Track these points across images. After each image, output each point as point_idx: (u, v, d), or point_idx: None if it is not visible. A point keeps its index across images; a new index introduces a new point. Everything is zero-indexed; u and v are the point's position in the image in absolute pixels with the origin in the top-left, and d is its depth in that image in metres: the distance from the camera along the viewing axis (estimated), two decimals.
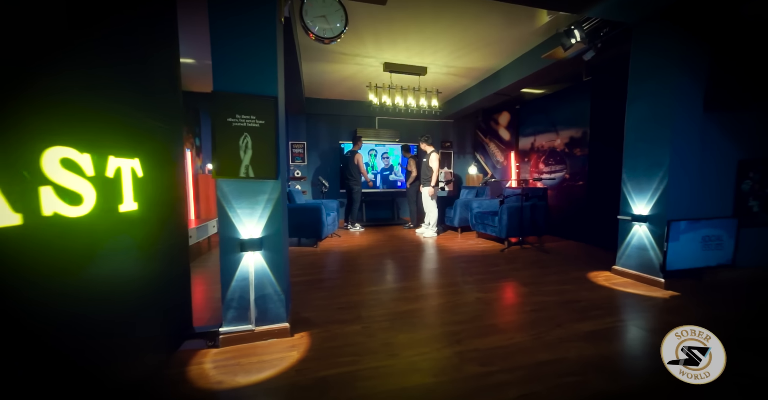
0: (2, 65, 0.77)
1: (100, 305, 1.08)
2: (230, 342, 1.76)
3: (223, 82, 1.68)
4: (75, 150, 0.94)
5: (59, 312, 0.91)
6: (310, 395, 1.35)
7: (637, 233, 2.83)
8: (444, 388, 1.40)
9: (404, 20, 3.30)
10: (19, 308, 0.79)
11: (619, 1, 2.48)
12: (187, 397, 1.34)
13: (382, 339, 1.83)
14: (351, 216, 5.72)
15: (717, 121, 2.66)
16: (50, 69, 0.89)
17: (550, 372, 1.50)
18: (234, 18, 1.67)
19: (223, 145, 1.69)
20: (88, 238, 1.02)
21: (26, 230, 0.80)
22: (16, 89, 0.80)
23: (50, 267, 0.88)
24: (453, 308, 2.28)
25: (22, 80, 0.82)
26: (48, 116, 0.88)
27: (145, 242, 1.35)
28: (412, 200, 5.79)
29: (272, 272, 1.83)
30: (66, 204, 0.91)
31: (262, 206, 1.79)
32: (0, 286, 0.75)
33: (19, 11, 0.81)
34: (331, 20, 2.05)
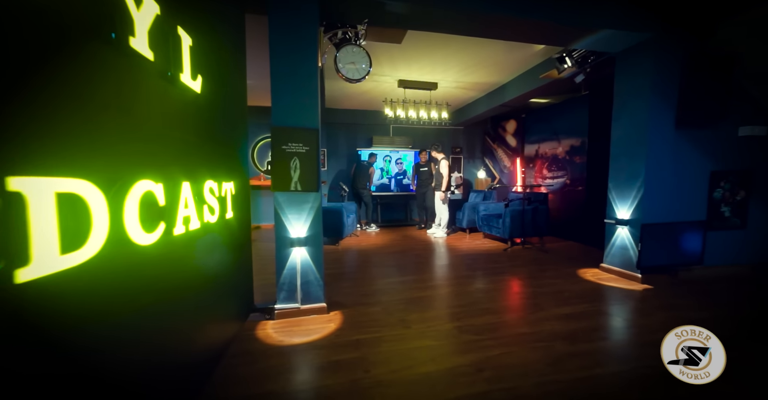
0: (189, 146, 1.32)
1: (211, 281, 1.64)
2: (282, 316, 2.32)
3: (279, 119, 2.24)
4: (213, 181, 1.49)
5: (204, 286, 1.46)
6: (347, 350, 1.88)
7: (620, 235, 3.25)
8: (444, 348, 1.90)
9: (417, 48, 3.80)
10: (182, 285, 1.33)
11: (599, 38, 2.91)
12: (262, 349, 1.90)
13: (398, 317, 2.35)
14: (366, 218, 6.26)
15: (689, 138, 3.05)
16: (199, 138, 1.45)
17: (526, 340, 1.98)
18: (287, 76, 2.22)
19: (279, 166, 2.25)
20: (217, 236, 1.58)
21: (198, 233, 1.35)
22: (189, 155, 1.36)
23: (205, 253, 1.43)
24: (456, 295, 2.78)
25: (193, 151, 1.37)
26: (206, 162, 1.43)
27: (234, 241, 1.91)
28: (422, 202, 6.21)
29: (314, 264, 2.38)
30: (210, 215, 1.46)
31: (307, 213, 2.34)
32: (173, 270, 1.29)
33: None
34: (359, 65, 2.58)
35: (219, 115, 1.67)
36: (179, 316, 1.22)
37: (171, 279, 1.14)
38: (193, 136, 1.34)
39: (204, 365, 1.52)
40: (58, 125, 0.67)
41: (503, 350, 1.87)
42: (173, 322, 1.18)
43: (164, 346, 1.11)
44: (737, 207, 3.25)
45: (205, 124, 1.48)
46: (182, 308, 1.24)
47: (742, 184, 3.24)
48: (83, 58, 0.74)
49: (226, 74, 1.80)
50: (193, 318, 1.37)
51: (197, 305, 1.39)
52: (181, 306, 1.23)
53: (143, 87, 0.98)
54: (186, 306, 1.28)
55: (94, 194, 0.73)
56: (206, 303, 1.52)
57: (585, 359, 1.75)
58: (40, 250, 0.61)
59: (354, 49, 2.54)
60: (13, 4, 0.58)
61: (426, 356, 1.81)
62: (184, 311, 1.26)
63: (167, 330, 1.13)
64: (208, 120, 1.51)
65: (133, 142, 0.92)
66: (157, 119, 1.05)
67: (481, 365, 1.71)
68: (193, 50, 1.26)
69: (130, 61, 0.90)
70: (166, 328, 1.12)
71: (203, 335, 1.49)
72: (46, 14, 0.64)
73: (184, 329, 1.27)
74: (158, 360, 1.06)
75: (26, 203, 0.58)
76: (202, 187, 1.39)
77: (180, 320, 1.23)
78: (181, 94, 1.22)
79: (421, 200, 6.23)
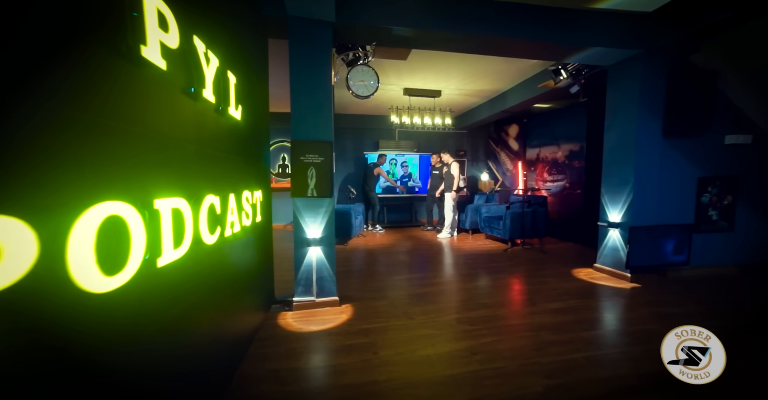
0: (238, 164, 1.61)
1: (246, 275, 1.93)
2: (300, 308, 2.61)
3: (298, 133, 2.53)
4: (248, 190, 1.79)
5: (238, 278, 1.75)
6: (358, 336, 2.16)
7: (612, 237, 3.47)
8: (443, 336, 2.17)
9: (421, 61, 4.07)
10: (222, 288, 1.63)
11: (590, 54, 3.14)
12: (285, 334, 2.19)
13: (402, 309, 2.62)
14: (372, 218, 6.54)
15: (676, 146, 3.26)
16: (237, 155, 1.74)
17: (517, 330, 2.24)
18: (305, 95, 2.51)
19: (298, 175, 2.53)
20: (251, 237, 1.87)
21: (239, 235, 1.64)
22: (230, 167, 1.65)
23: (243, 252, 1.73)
24: (456, 292, 3.04)
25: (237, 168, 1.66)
26: (243, 175, 1.72)
27: (261, 241, 2.21)
28: (431, 204, 6.44)
29: (327, 261, 2.66)
30: (246, 219, 1.75)
31: (322, 216, 2.62)
32: (223, 265, 1.58)
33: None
34: (367, 82, 2.86)
35: (251, 135, 1.96)
36: (226, 304, 1.51)
37: (222, 272, 1.44)
38: (235, 154, 1.64)
39: (240, 345, 1.81)
40: (170, 159, 0.96)
41: (495, 338, 2.12)
42: (223, 307, 1.47)
43: (219, 325, 1.40)
44: (724, 211, 3.44)
45: (243, 144, 1.77)
46: (227, 297, 1.53)
47: (729, 190, 3.43)
48: (178, 106, 1.03)
49: (257, 100, 2.09)
50: (234, 306, 1.66)
51: (237, 295, 1.69)
52: (226, 296, 1.52)
53: (207, 122, 1.27)
54: (230, 296, 1.57)
55: (185, 207, 1.02)
56: (243, 294, 1.81)
57: (566, 345, 2.00)
58: (166, 245, 0.90)
59: (363, 69, 2.82)
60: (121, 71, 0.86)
61: (427, 342, 2.08)
62: (228, 300, 1.55)
63: (221, 313, 1.42)
64: (244, 140, 1.80)
65: (200, 165, 1.20)
66: (212, 144, 1.34)
67: (475, 349, 1.97)
68: (236, 87, 1.55)
69: (203, 105, 1.19)
70: (219, 311, 1.41)
71: (240, 320, 1.78)
72: (145, 70, 0.93)
73: (228, 315, 1.56)
74: (215, 336, 1.35)
75: (159, 216, 0.88)
76: (241, 196, 1.69)
77: (226, 307, 1.53)
78: (227, 122, 1.51)
79: (430, 201, 6.47)
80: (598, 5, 2.83)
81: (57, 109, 0.59)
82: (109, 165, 0.72)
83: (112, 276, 0.68)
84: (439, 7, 2.67)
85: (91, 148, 0.67)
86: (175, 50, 0.97)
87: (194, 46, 1.09)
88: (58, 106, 0.60)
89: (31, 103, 0.53)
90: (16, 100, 0.51)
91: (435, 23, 2.68)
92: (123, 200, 0.73)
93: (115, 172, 0.74)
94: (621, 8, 2.87)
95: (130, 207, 0.75)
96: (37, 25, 0.55)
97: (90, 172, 0.67)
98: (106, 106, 0.72)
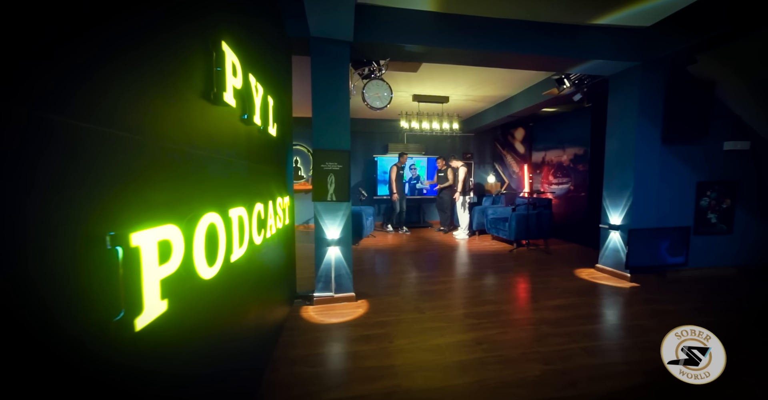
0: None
1: (278, 271, 2.17)
2: (320, 302, 2.85)
3: (319, 143, 2.77)
4: (280, 197, 2.03)
5: (271, 276, 1.99)
6: (374, 328, 2.39)
7: (613, 239, 3.64)
8: (451, 328, 2.38)
9: (429, 70, 4.28)
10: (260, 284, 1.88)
11: (592, 66, 3.32)
12: (309, 325, 2.44)
13: (414, 305, 2.84)
14: (390, 220, 6.71)
15: (675, 152, 3.42)
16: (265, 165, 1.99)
17: (519, 324, 2.44)
18: (325, 107, 2.75)
19: (319, 181, 2.78)
20: (282, 238, 2.12)
21: (274, 236, 1.89)
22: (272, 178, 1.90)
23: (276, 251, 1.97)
24: (463, 289, 3.25)
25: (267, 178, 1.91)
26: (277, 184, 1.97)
27: (287, 241, 2.46)
28: (445, 206, 6.50)
29: (345, 260, 2.90)
30: (279, 222, 2.00)
31: (340, 218, 2.86)
32: (266, 262, 1.83)
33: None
34: (381, 94, 3.10)
35: (281, 147, 2.21)
36: (264, 296, 1.76)
37: (263, 268, 1.68)
38: (271, 165, 1.89)
39: (273, 332, 2.06)
40: (233, 175, 1.20)
41: (499, 330, 2.33)
42: (263, 299, 1.71)
43: (261, 314, 1.65)
44: (723, 214, 3.58)
45: (276, 156, 2.02)
46: (265, 290, 1.78)
47: (727, 194, 3.57)
48: (236, 131, 1.28)
49: (284, 115, 2.34)
50: (270, 299, 1.91)
51: (272, 289, 1.94)
52: (265, 288, 1.76)
53: (254, 141, 1.52)
54: (267, 289, 1.82)
55: (245, 214, 1.27)
56: (275, 288, 2.06)
57: (564, 337, 2.20)
58: (236, 244, 1.15)
59: (377, 83, 3.06)
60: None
61: (437, 333, 2.30)
62: (266, 293, 1.80)
63: (262, 303, 1.67)
64: (277, 152, 2.06)
65: (251, 178, 1.45)
66: (258, 159, 1.59)
67: (481, 340, 2.18)
68: (273, 108, 1.80)
69: (252, 128, 1.44)
70: (261, 302, 1.66)
71: (273, 311, 2.03)
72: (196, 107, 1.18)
73: (266, 305, 1.81)
74: (258, 323, 1.60)
75: (231, 222, 1.13)
76: (276, 202, 1.93)
77: (265, 299, 1.77)
78: (267, 139, 1.76)
79: (439, 202, 6.62)
80: (597, 21, 3.01)
81: (188, 152, 0.85)
82: (204, 183, 0.97)
83: (211, 267, 0.93)
84: (447, 25, 2.89)
85: (198, 174, 0.92)
86: (240, 89, 1.22)
87: (249, 82, 1.33)
88: (189, 149, 0.86)
89: (154, 144, 0.78)
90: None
91: (444, 41, 2.90)
92: (215, 211, 0.98)
93: (207, 189, 0.99)
94: (619, 23, 3.05)
95: (218, 216, 1.00)
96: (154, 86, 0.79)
97: (198, 189, 0.91)
98: (202, 138, 0.97)
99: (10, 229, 0.41)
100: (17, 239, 0.42)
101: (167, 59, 0.79)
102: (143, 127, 0.69)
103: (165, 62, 0.78)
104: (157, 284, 0.67)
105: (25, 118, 0.44)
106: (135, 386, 0.63)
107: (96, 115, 0.56)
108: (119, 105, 0.62)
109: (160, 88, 0.76)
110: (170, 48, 0.80)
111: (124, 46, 0.63)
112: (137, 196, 0.65)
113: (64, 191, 0.49)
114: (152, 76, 0.72)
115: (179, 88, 0.85)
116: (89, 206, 0.54)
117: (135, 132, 0.66)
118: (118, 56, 0.61)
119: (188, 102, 0.90)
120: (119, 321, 0.58)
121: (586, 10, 2.84)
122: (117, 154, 0.60)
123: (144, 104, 0.69)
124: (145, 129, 0.69)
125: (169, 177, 0.77)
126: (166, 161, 0.76)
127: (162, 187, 0.74)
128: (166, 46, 0.78)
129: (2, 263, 0.40)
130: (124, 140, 0.62)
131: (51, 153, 0.47)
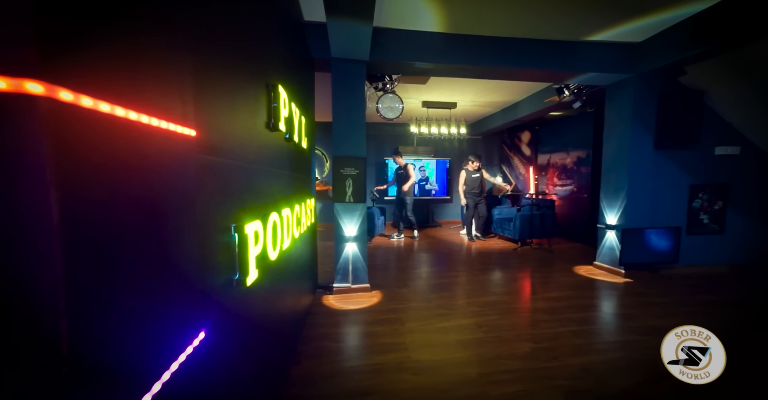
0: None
1: (305, 263, 2.53)
2: (339, 292, 3.21)
3: (338, 150, 3.13)
4: (308, 198, 2.40)
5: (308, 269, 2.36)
6: (387, 313, 2.73)
7: (609, 238, 3.89)
8: (456, 315, 2.71)
9: (438, 79, 4.60)
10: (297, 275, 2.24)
11: (588, 77, 3.58)
12: (331, 311, 2.80)
13: (422, 296, 3.17)
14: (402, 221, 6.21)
15: (668, 157, 3.65)
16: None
17: (516, 311, 2.75)
18: (344, 117, 3.11)
19: (338, 185, 3.14)
20: (309, 234, 2.48)
21: (303, 233, 2.26)
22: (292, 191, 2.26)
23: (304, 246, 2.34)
24: (468, 283, 3.57)
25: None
26: (305, 188, 2.34)
27: (312, 238, 2.82)
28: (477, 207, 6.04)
29: (361, 255, 3.26)
30: (306, 221, 2.37)
31: (356, 218, 3.22)
32: (300, 253, 2.19)
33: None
34: (393, 105, 3.44)
35: (308, 157, 2.58)
36: (296, 283, 2.12)
37: (297, 259, 2.05)
38: (301, 173, 2.25)
39: (302, 315, 2.43)
40: (282, 184, 1.56)
41: (498, 316, 2.65)
42: (296, 285, 2.08)
43: (295, 298, 2.01)
44: (715, 215, 3.79)
45: (305, 166, 2.39)
46: (298, 278, 2.14)
47: (719, 196, 3.78)
48: (282, 149, 1.64)
49: (310, 130, 2.71)
50: (301, 286, 2.27)
51: (302, 278, 2.30)
52: (298, 276, 2.13)
53: (293, 155, 1.88)
54: (299, 277, 2.18)
55: (289, 213, 1.63)
56: (303, 278, 2.42)
57: (555, 323, 2.50)
58: (287, 236, 1.50)
59: (390, 96, 3.40)
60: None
61: (443, 318, 2.63)
62: (298, 280, 2.16)
63: (296, 289, 2.03)
64: (306, 162, 2.42)
65: (291, 185, 1.81)
66: (295, 169, 1.95)
67: (481, 324, 2.50)
68: (305, 125, 2.16)
69: (291, 144, 1.80)
70: (295, 287, 2.02)
71: (302, 297, 2.40)
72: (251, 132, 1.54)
73: (298, 291, 2.17)
74: (293, 305, 1.96)
75: (283, 219, 1.49)
76: (304, 204, 2.30)
77: (297, 285, 2.13)
78: (299, 151, 2.13)
79: (482, 208, 5.93)
80: (592, 37, 3.28)
81: (267, 169, 1.20)
82: (270, 191, 1.33)
83: (274, 251, 1.28)
84: (453, 44, 3.20)
85: (267, 185, 1.28)
86: (287, 117, 1.58)
87: (292, 110, 1.69)
88: (263, 167, 1.21)
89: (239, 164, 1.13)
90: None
91: (450, 58, 3.22)
92: (275, 211, 1.34)
93: (271, 195, 1.35)
94: (613, 39, 3.32)
95: (277, 215, 1.35)
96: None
97: (267, 195, 1.27)
98: (267, 158, 1.33)
99: (195, 219, 0.77)
100: (205, 224, 0.78)
101: (252, 105, 1.15)
102: (238, 155, 1.05)
103: (251, 106, 1.14)
104: (254, 259, 1.02)
105: (204, 161, 0.79)
106: (247, 316, 0.99)
107: (222, 151, 0.91)
108: (227, 141, 0.98)
109: (250, 124, 1.12)
110: (250, 92, 1.17)
111: (239, 99, 0.99)
112: (241, 202, 1.01)
113: (212, 198, 0.85)
114: (245, 116, 1.08)
115: (256, 123, 1.21)
116: (223, 207, 0.89)
117: (236, 159, 1.02)
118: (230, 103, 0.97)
119: (259, 132, 1.26)
120: (238, 280, 0.93)
121: (581, 27, 3.12)
122: (229, 176, 0.96)
123: (239, 136, 1.05)
124: (239, 156, 1.05)
125: (254, 187, 1.13)
126: (253, 178, 1.12)
127: (252, 195, 1.10)
128: (254, 91, 1.15)
129: (194, 238, 0.75)
130: (231, 166, 0.98)
131: (210, 177, 0.83)
